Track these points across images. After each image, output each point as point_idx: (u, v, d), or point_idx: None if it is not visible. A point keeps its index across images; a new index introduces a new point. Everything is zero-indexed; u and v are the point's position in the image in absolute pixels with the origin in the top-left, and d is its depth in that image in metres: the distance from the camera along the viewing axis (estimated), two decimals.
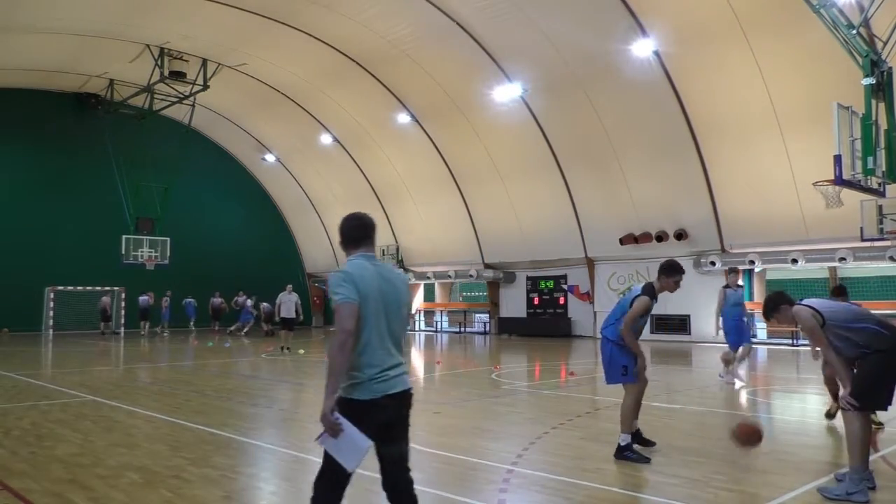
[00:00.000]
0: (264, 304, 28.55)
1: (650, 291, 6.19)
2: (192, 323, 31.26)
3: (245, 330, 28.93)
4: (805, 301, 5.37)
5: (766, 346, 21.15)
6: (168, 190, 29.91)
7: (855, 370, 5.17)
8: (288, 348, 18.63)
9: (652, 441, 6.63)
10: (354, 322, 3.27)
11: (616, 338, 6.32)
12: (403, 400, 3.46)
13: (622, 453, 6.01)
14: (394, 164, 30.59)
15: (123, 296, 30.34)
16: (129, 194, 29.43)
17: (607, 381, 6.53)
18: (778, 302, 5.41)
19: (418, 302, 33.81)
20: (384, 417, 3.37)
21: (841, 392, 5.16)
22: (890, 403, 5.07)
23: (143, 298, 28.46)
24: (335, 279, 3.35)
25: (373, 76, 26.75)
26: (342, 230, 3.57)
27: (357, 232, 3.55)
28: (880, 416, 6.98)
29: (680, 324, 23.36)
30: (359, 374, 3.33)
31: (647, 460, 5.93)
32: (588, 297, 26.36)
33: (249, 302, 29.84)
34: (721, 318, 11.59)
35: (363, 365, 3.33)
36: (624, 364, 6.27)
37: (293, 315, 18.80)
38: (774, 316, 5.44)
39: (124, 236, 28.41)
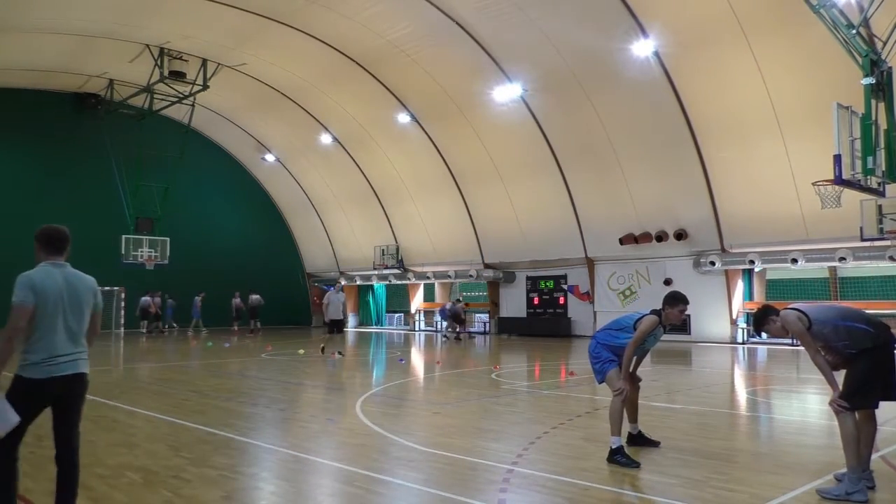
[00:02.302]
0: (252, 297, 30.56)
1: (658, 314, 6.34)
2: (172, 324, 30.90)
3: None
4: (793, 305, 5.41)
5: (765, 346, 21.16)
6: (168, 190, 29.91)
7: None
8: (341, 353, 17.17)
9: (656, 441, 6.64)
10: (25, 321, 4.01)
11: (607, 342, 6.44)
12: (73, 381, 4.18)
13: (612, 457, 5.99)
14: (394, 164, 30.58)
15: (123, 296, 30.50)
16: (129, 194, 29.43)
17: (598, 382, 6.57)
18: (765, 314, 5.54)
19: (418, 302, 33.81)
20: (52, 394, 4.11)
21: (830, 396, 5.17)
22: (879, 401, 5.08)
23: (144, 299, 29.12)
24: (19, 282, 4.05)
25: (373, 76, 26.75)
26: (39, 239, 4.24)
27: (49, 242, 4.24)
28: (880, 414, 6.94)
29: (680, 323, 23.29)
30: (31, 358, 4.05)
31: (636, 465, 5.85)
32: (588, 297, 26.35)
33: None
34: None
35: (37, 351, 4.07)
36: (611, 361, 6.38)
37: (341, 316, 17.26)
38: (764, 329, 5.58)
39: (124, 236, 28.41)
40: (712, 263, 22.10)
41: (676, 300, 6.33)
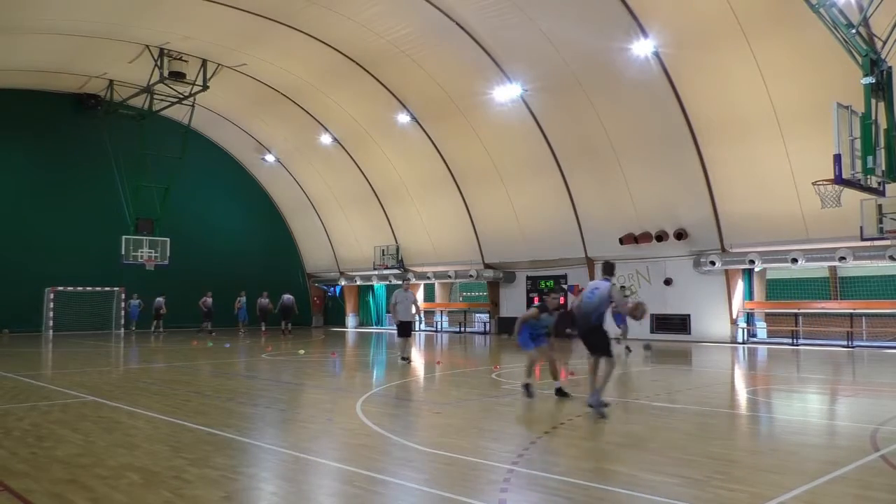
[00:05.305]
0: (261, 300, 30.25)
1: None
2: (133, 325, 30.63)
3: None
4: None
5: (765, 346, 21.15)
6: (168, 190, 29.91)
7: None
8: (407, 357, 15.44)
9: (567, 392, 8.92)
10: None
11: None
12: None
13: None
14: (394, 164, 30.58)
15: (123, 296, 30.58)
16: (129, 194, 29.44)
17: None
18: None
19: (418, 302, 33.74)
20: None
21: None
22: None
23: (157, 300, 29.45)
24: None
25: (373, 76, 26.74)
26: None
27: None
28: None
29: (680, 323, 23.36)
30: None
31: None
32: None
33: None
34: None
35: None
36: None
37: (410, 318, 15.48)
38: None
39: (124, 236, 28.43)
40: (712, 263, 22.10)
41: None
